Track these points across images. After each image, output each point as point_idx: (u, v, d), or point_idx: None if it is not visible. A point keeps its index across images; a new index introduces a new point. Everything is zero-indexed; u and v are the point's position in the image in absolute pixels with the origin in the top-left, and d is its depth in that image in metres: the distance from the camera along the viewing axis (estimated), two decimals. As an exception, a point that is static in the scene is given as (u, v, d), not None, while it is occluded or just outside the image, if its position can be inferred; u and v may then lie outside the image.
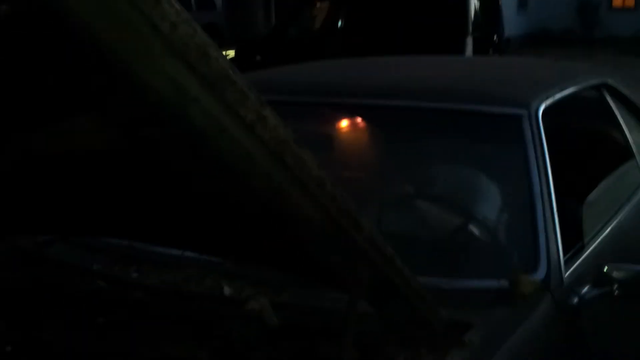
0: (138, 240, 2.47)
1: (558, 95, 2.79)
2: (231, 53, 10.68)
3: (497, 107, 2.63)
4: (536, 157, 2.47)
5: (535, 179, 2.43)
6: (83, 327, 2.25)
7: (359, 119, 2.88)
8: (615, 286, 2.26)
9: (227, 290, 2.32)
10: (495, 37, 10.17)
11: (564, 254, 2.35)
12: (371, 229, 1.61)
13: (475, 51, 9.32)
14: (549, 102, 2.69)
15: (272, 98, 1.68)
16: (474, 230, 2.49)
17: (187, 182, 1.61)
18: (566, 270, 2.31)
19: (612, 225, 2.74)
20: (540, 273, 2.24)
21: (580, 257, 2.44)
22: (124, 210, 2.01)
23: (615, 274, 2.27)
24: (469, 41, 9.41)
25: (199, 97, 1.24)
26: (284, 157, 1.38)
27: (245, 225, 1.70)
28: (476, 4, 9.77)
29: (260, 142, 1.34)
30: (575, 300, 2.25)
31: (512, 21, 16.93)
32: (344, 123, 2.92)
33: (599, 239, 2.60)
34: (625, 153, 3.22)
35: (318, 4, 11.62)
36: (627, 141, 3.24)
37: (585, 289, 2.28)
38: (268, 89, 2.44)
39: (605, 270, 2.29)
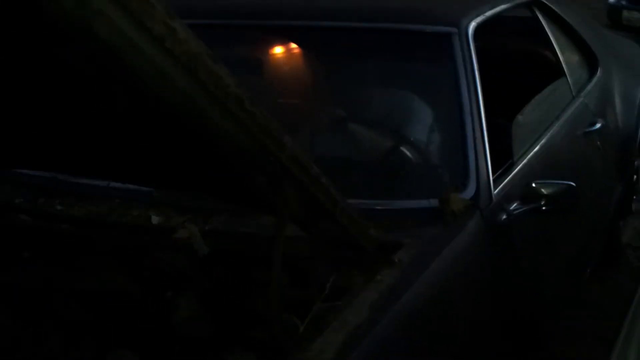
0: (61, 171, 2.41)
1: (489, 13, 2.76)
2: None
3: (428, 25, 2.59)
4: (466, 76, 2.45)
5: (465, 98, 2.41)
6: (8, 262, 2.19)
7: (288, 42, 2.81)
8: (543, 202, 2.28)
9: (155, 220, 2.28)
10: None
11: (493, 172, 2.35)
12: (294, 147, 1.58)
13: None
14: (479, 19, 2.66)
15: (194, 22, 1.62)
16: (405, 151, 2.48)
17: (104, 104, 1.54)
18: (495, 188, 2.32)
19: (541, 143, 2.76)
20: (470, 191, 2.25)
21: (509, 174, 2.46)
22: (45, 138, 1.94)
23: (542, 190, 2.29)
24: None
25: (103, 9, 1.17)
26: (197, 73, 1.32)
27: (167, 147, 1.65)
28: None
29: (171, 56, 1.28)
30: (504, 216, 2.27)
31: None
32: (274, 47, 2.85)
33: (528, 157, 2.62)
34: (556, 71, 3.22)
35: None
36: (558, 59, 3.25)
37: (514, 205, 2.30)
38: (189, 13, 2.36)
39: (533, 186, 2.30)
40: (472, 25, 2.58)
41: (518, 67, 3.51)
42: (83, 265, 2.15)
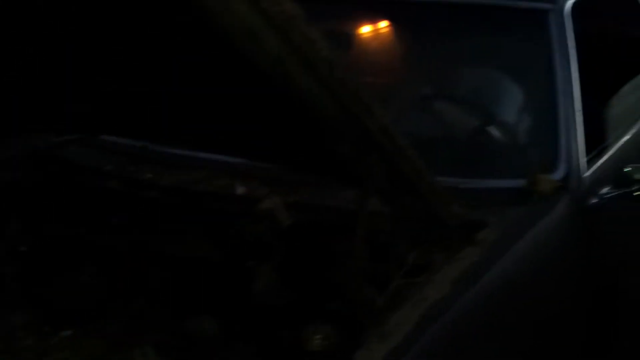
0: (151, 140, 2.46)
1: None
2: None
3: (523, 1, 2.52)
4: (561, 55, 2.39)
5: (560, 78, 2.35)
6: (97, 227, 2.25)
7: (377, 17, 2.78)
8: (636, 187, 2.20)
9: (239, 190, 2.30)
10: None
11: (586, 155, 2.28)
12: (384, 117, 1.55)
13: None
14: None
15: None
16: (495, 130, 2.43)
17: (194, 69, 1.55)
18: (586, 171, 2.25)
19: (637, 128, 2.66)
20: (560, 173, 2.20)
21: (602, 158, 2.38)
22: (137, 106, 1.98)
23: (635, 175, 2.21)
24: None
25: None
26: (291, 35, 1.31)
27: (255, 114, 1.65)
28: None
29: (265, 16, 1.27)
30: (595, 200, 2.20)
31: None
32: (362, 21, 2.82)
33: (623, 141, 2.54)
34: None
35: None
36: (659, 43, 3.12)
37: (605, 189, 2.22)
38: None
39: (625, 170, 2.23)
40: (570, 2, 2.50)
41: (618, 50, 3.38)
42: (169, 232, 2.20)
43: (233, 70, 1.46)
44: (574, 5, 2.52)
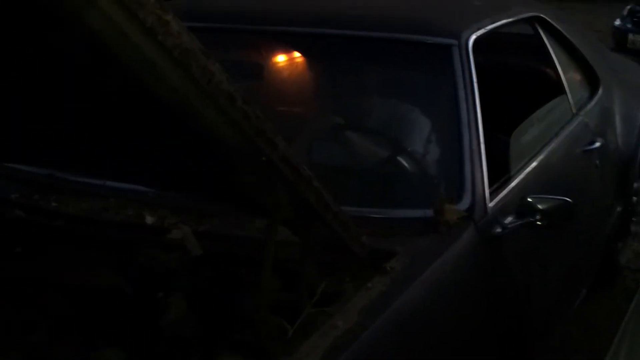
0: (57, 168, 2.41)
1: (490, 27, 2.77)
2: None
3: (428, 36, 2.59)
4: (465, 88, 2.45)
5: (464, 110, 2.41)
6: (0, 256, 2.19)
7: (288, 48, 2.81)
8: (538, 216, 2.28)
9: (149, 219, 2.28)
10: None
11: (490, 185, 2.35)
12: (286, 148, 1.57)
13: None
14: (480, 33, 2.66)
15: (194, 24, 1.62)
16: (401, 160, 2.47)
17: (95, 98, 1.54)
18: (491, 201, 2.32)
19: (539, 159, 2.75)
20: (465, 203, 2.25)
21: (506, 188, 2.45)
22: (40, 134, 1.94)
23: (538, 205, 2.29)
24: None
25: None
26: (190, 68, 1.32)
27: (159, 143, 1.64)
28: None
29: (163, 49, 1.28)
30: (499, 229, 2.27)
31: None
32: (274, 52, 2.85)
33: (525, 172, 2.62)
34: (557, 88, 3.23)
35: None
36: (559, 76, 3.25)
37: (509, 219, 2.29)
38: (189, 16, 2.36)
39: (528, 200, 2.30)
40: (473, 38, 2.59)
41: (518, 82, 3.51)
42: (75, 262, 2.15)
43: (140, 100, 1.46)
44: (476, 40, 2.60)
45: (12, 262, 2.16)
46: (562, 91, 3.23)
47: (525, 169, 2.63)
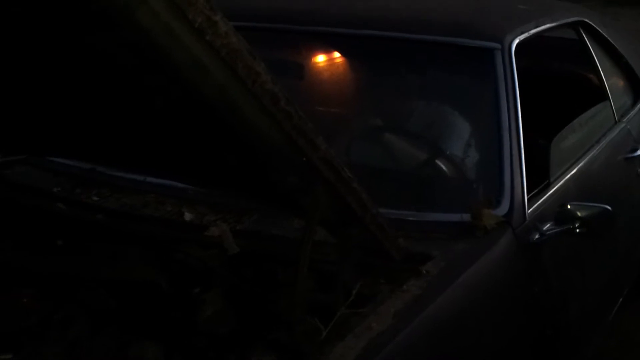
0: (99, 163, 2.45)
1: (533, 31, 2.75)
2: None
3: (471, 39, 2.58)
4: (507, 93, 2.44)
5: (504, 114, 2.40)
6: (42, 249, 2.22)
7: (331, 49, 2.82)
8: (577, 224, 2.26)
9: (187, 216, 2.30)
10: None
11: (529, 191, 2.34)
12: (327, 149, 1.58)
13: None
14: (523, 37, 2.64)
15: (239, 24, 1.63)
16: (440, 163, 2.47)
17: (142, 96, 1.56)
18: (529, 207, 2.30)
19: (579, 166, 2.73)
20: (503, 208, 2.24)
21: (545, 194, 2.44)
22: (86, 129, 1.98)
23: (577, 212, 2.27)
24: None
25: None
26: (236, 68, 1.33)
27: (202, 142, 1.66)
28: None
29: (211, 49, 1.29)
30: (537, 236, 2.25)
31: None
32: (317, 53, 2.86)
33: (565, 178, 2.59)
34: (599, 94, 3.19)
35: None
36: (602, 82, 3.21)
37: (547, 225, 2.27)
38: (233, 14, 2.37)
39: (567, 207, 2.28)
40: (516, 41, 2.57)
41: (561, 87, 3.48)
42: (114, 256, 2.18)
43: (184, 99, 1.48)
44: (520, 44, 2.59)
45: (53, 255, 2.20)
46: (604, 97, 3.19)
47: (565, 176, 2.61)
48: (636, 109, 3.45)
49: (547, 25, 2.90)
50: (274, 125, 1.48)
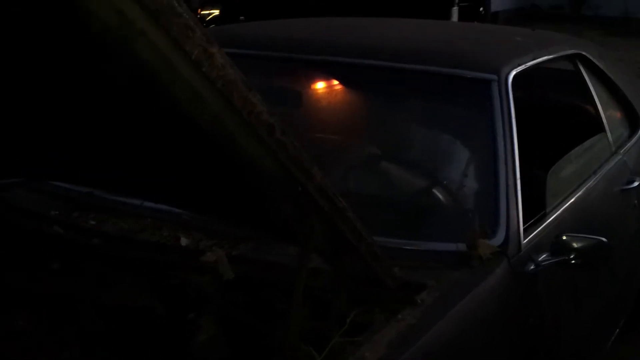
0: (97, 187, 2.46)
1: (530, 63, 2.77)
2: (216, 12, 10.60)
3: (468, 70, 2.60)
4: (503, 123, 2.45)
5: (501, 145, 2.41)
6: (37, 272, 2.23)
7: (328, 77, 2.84)
8: (573, 255, 2.27)
9: (183, 241, 2.31)
10: (481, 9, 10.13)
11: (524, 221, 2.35)
12: (322, 179, 1.60)
13: (461, 21, 9.27)
14: (520, 69, 2.67)
15: (239, 52, 1.66)
16: (437, 193, 2.48)
17: (140, 124, 1.58)
18: (525, 237, 2.31)
19: (575, 197, 2.74)
20: (499, 239, 2.24)
21: (541, 225, 2.44)
22: (83, 153, 1.99)
23: (573, 243, 2.28)
24: (455, 11, 9.36)
25: (145, 30, 1.22)
26: (231, 99, 1.36)
27: (198, 170, 1.68)
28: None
29: (207, 80, 1.32)
30: (532, 267, 2.26)
31: (501, -5, 16.79)
32: (314, 81, 2.88)
33: (561, 209, 2.60)
34: (596, 125, 3.21)
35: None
36: (599, 114, 3.23)
37: (543, 256, 2.28)
38: (236, 43, 2.40)
39: (563, 238, 2.29)
40: (513, 73, 2.59)
41: (558, 118, 3.50)
42: (110, 280, 2.19)
43: (181, 127, 1.49)
44: (516, 76, 2.61)
45: (49, 278, 2.20)
46: (601, 129, 3.21)
47: (561, 206, 2.62)
48: (633, 140, 3.47)
49: (544, 58, 2.92)
50: (270, 155, 1.50)
